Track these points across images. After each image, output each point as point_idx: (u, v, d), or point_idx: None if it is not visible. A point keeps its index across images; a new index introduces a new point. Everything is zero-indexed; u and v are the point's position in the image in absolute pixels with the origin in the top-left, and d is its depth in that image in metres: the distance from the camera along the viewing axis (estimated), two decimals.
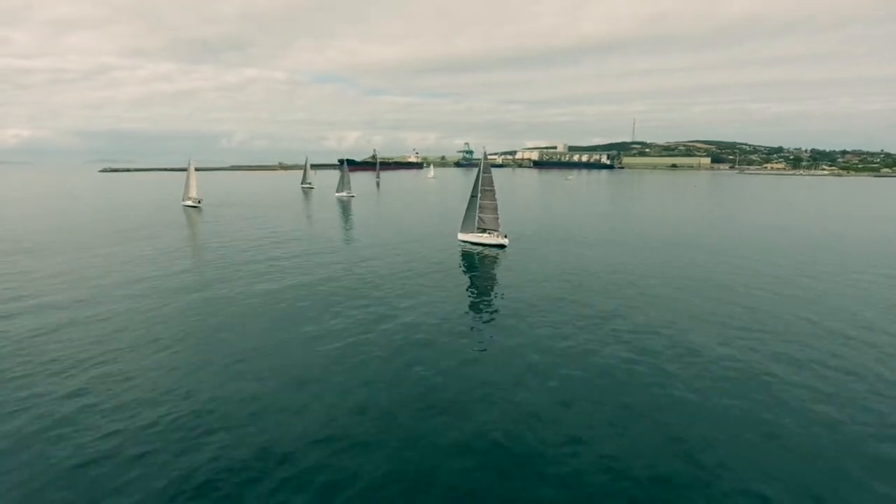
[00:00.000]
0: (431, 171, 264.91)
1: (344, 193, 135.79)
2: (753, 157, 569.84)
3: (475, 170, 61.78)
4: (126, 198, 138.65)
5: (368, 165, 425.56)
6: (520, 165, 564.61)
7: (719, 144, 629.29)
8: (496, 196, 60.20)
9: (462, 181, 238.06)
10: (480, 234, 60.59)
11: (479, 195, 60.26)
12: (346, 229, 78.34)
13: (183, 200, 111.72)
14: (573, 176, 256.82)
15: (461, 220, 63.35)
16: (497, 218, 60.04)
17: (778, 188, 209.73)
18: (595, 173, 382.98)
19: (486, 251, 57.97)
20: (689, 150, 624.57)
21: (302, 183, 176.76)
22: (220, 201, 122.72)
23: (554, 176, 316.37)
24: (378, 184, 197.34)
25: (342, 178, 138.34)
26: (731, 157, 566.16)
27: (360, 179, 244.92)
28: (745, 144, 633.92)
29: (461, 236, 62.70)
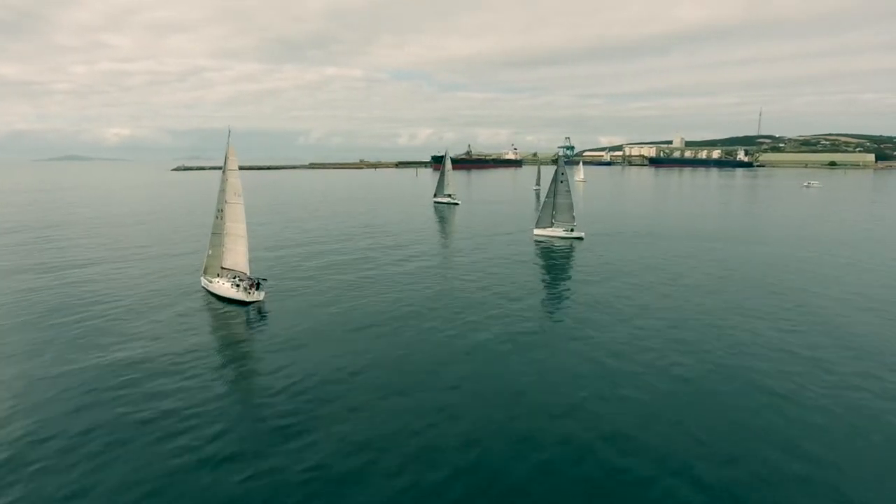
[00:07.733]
0: (581, 173, 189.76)
1: (556, 231, 65.74)
2: None
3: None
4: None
5: (464, 163, 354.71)
6: (630, 163, 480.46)
7: (874, 139, 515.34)
8: None
9: (639, 185, 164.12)
10: None
11: None
12: None
13: (205, 276, 41.34)
14: (817, 182, 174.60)
15: None
16: None
17: None
18: (728, 173, 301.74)
19: None
20: (834, 144, 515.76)
21: (436, 195, 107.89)
22: (306, 253, 55.05)
23: (684, 177, 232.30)
24: (538, 194, 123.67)
25: (554, 201, 66.87)
26: None
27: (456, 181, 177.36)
28: None
29: None
